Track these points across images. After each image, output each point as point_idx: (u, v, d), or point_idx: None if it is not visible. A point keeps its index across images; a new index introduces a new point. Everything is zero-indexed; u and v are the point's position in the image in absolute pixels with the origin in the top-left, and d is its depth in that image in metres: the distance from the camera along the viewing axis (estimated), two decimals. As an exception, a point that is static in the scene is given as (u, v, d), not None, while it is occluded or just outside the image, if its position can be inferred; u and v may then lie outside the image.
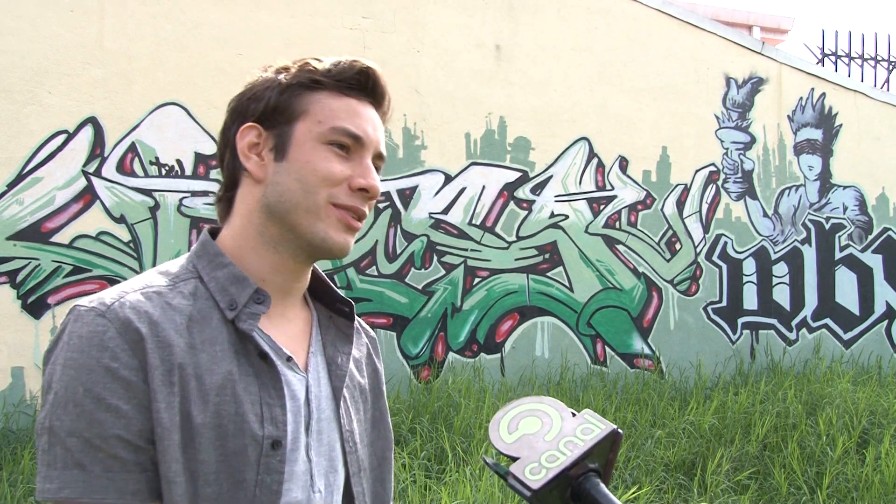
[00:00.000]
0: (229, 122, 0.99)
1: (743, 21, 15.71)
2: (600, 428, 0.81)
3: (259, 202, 0.96)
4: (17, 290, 4.70)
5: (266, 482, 0.89)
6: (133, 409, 0.83)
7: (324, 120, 0.95)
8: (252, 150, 0.96)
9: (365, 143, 0.97)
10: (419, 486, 3.66)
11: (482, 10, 6.08)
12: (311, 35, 5.50)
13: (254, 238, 0.97)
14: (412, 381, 5.58)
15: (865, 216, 7.46)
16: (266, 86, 0.97)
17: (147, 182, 5.05)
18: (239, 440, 0.88)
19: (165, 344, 0.86)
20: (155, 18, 5.08)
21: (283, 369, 0.95)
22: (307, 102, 0.95)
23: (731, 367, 6.70)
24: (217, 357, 0.89)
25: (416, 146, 5.81)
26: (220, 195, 1.02)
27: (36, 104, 4.77)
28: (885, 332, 7.48)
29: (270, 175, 0.95)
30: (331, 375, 1.01)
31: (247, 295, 0.93)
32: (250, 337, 0.92)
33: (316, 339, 1.03)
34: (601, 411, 5.09)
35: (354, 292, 5.58)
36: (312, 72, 0.96)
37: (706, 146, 6.84)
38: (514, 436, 0.82)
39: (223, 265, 0.95)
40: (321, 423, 0.98)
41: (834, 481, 4.28)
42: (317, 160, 0.94)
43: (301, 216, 0.94)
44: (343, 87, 0.97)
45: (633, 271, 6.49)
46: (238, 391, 0.89)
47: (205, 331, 0.90)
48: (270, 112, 0.95)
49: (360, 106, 0.98)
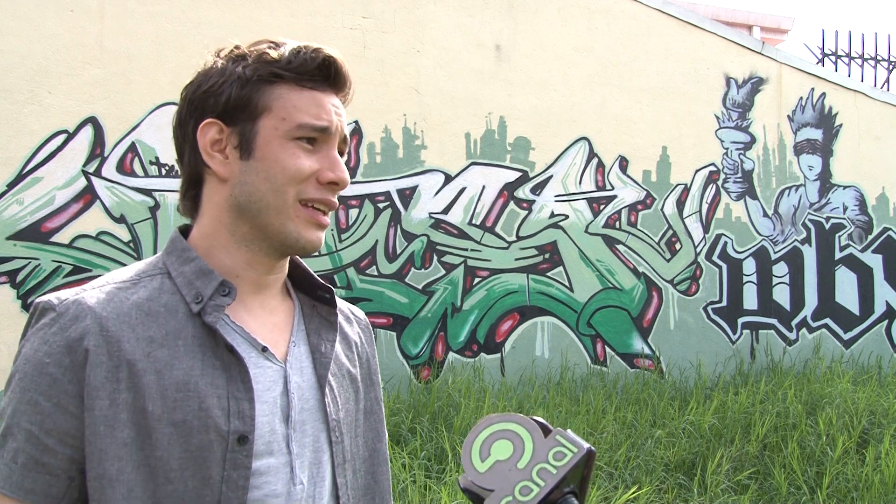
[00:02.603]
0: (186, 116, 0.96)
1: (743, 21, 15.71)
2: (573, 452, 0.79)
3: (227, 201, 0.95)
4: (17, 290, 4.70)
5: (233, 478, 0.87)
6: (51, 406, 0.84)
7: (288, 117, 0.93)
8: (215, 148, 0.94)
9: (332, 133, 0.95)
10: (419, 486, 3.66)
11: (482, 10, 6.08)
12: (311, 35, 5.49)
13: (225, 236, 0.96)
14: (412, 380, 5.58)
15: (865, 216, 7.46)
16: (224, 79, 0.93)
17: (147, 182, 5.05)
18: (204, 436, 0.86)
19: (114, 340, 0.86)
20: (155, 18, 5.08)
21: (256, 361, 0.93)
22: (269, 98, 0.93)
23: (731, 367, 6.70)
24: (179, 352, 0.88)
25: (416, 146, 5.81)
26: (183, 191, 1.00)
27: (36, 104, 4.77)
28: (885, 332, 7.48)
29: (237, 174, 0.94)
30: (315, 364, 1.00)
31: (212, 287, 0.92)
32: (216, 330, 0.90)
33: (298, 328, 1.02)
34: (601, 411, 5.10)
35: (354, 292, 5.57)
36: (272, 63, 0.93)
37: (706, 146, 6.84)
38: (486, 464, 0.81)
39: (190, 259, 0.95)
40: (304, 414, 0.96)
41: (834, 481, 4.28)
42: (284, 158, 0.93)
43: (272, 217, 0.93)
44: (304, 80, 0.94)
45: (633, 271, 6.49)
46: (202, 386, 0.88)
47: (167, 325, 0.89)
48: (231, 108, 0.93)
49: (323, 96, 0.95)
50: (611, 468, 4.17)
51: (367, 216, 5.67)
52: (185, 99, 0.97)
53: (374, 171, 5.69)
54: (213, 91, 0.93)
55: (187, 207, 1.00)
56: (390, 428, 4.41)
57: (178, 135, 0.98)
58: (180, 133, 0.98)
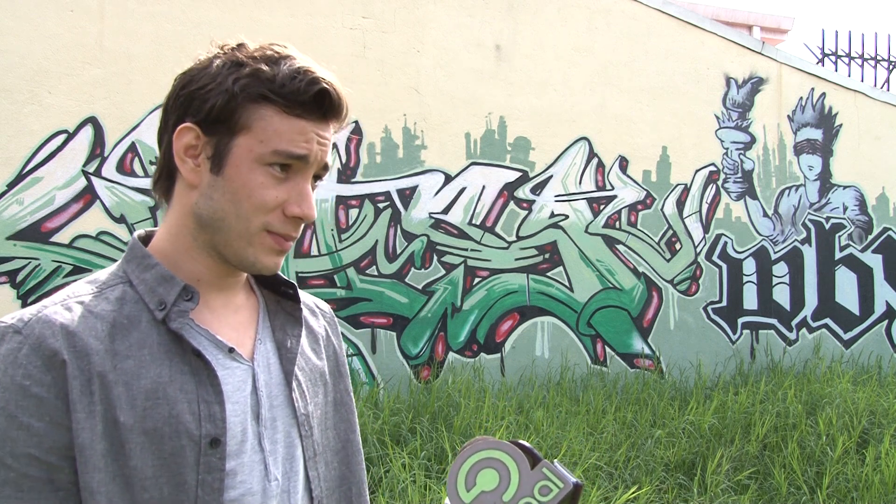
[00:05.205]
0: (171, 107, 0.95)
1: (743, 21, 15.71)
2: (559, 487, 0.79)
3: (192, 209, 0.94)
4: (17, 290, 4.70)
5: (207, 481, 0.88)
6: (46, 425, 0.82)
7: (266, 140, 0.90)
8: (188, 154, 0.93)
9: (308, 162, 0.92)
10: (419, 485, 3.66)
11: (482, 10, 6.08)
12: (311, 35, 5.50)
13: (188, 241, 0.96)
14: (412, 380, 5.58)
15: (865, 216, 7.46)
16: (214, 86, 0.90)
17: (147, 182, 5.05)
18: (175, 441, 0.87)
19: (83, 354, 0.85)
20: (155, 18, 5.08)
21: (223, 363, 0.94)
22: (252, 118, 0.90)
23: (731, 367, 6.70)
24: (145, 361, 0.88)
25: (416, 146, 5.81)
26: (156, 178, 0.99)
27: (36, 104, 4.77)
28: (885, 332, 7.48)
29: (205, 185, 0.93)
30: (281, 360, 1.00)
31: (175, 293, 0.92)
32: (182, 336, 0.90)
33: (263, 325, 1.02)
34: (601, 411, 5.10)
35: (354, 292, 5.58)
36: (264, 83, 0.90)
37: (706, 146, 6.84)
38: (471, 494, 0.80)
39: (150, 266, 0.94)
40: (274, 411, 0.97)
41: (834, 481, 4.28)
42: (252, 185, 0.90)
43: (232, 239, 0.93)
44: (293, 106, 0.91)
45: (633, 271, 6.49)
46: (170, 392, 0.88)
47: (131, 335, 0.89)
48: (213, 118, 0.91)
49: (308, 125, 0.92)
50: (611, 468, 4.17)
51: (367, 216, 5.67)
52: (174, 87, 0.95)
53: (374, 171, 5.69)
54: (199, 94, 0.91)
55: (160, 194, 1.00)
56: (390, 428, 4.41)
57: (161, 120, 0.97)
58: (163, 120, 0.96)
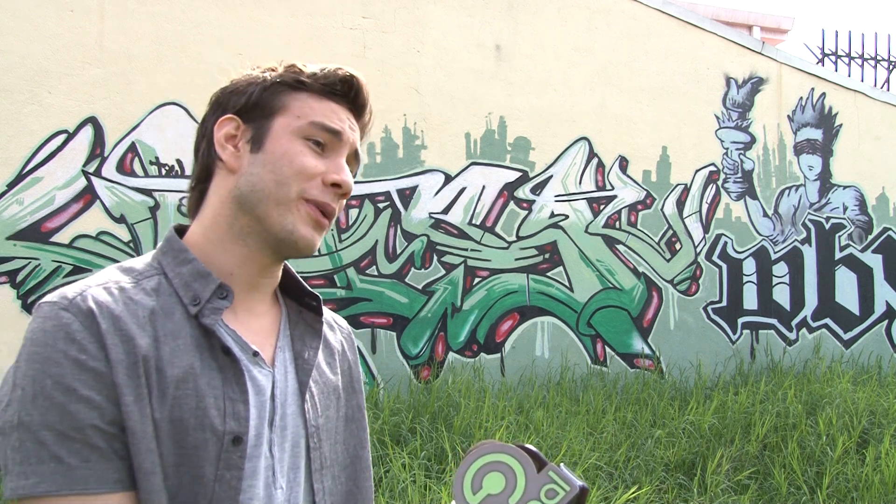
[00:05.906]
0: (209, 114, 1.00)
1: (743, 21, 15.71)
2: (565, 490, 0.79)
3: (231, 193, 0.96)
4: (17, 290, 4.70)
5: (225, 478, 0.88)
6: (104, 399, 0.82)
7: (302, 115, 0.96)
8: (229, 141, 0.97)
9: (343, 139, 0.99)
10: (419, 486, 3.66)
11: (482, 10, 6.08)
12: (311, 35, 5.50)
13: (223, 230, 0.97)
14: (412, 380, 5.58)
15: (865, 216, 7.46)
16: (250, 81, 0.98)
17: (147, 182, 5.05)
18: (199, 434, 0.87)
19: (128, 338, 0.85)
20: (155, 18, 5.08)
21: (248, 365, 0.94)
22: (289, 100, 0.97)
23: (731, 367, 6.70)
24: (179, 350, 0.89)
25: (416, 146, 5.81)
26: (192, 185, 1.02)
27: (36, 104, 4.77)
28: (885, 332, 7.48)
29: (245, 166, 0.96)
30: (297, 370, 1.01)
31: (210, 290, 0.92)
32: (213, 332, 0.91)
33: (284, 333, 1.03)
34: (601, 411, 5.10)
35: (354, 292, 5.58)
36: (298, 73, 0.98)
37: (706, 146, 6.84)
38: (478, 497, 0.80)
39: (187, 261, 0.95)
40: (286, 419, 0.97)
41: (834, 481, 4.28)
42: (293, 153, 0.95)
43: (271, 207, 0.94)
44: (326, 91, 0.99)
45: (633, 271, 6.49)
46: (200, 385, 0.88)
47: (167, 325, 0.90)
48: (251, 106, 0.97)
49: (341, 109, 1.00)
50: (611, 468, 4.17)
51: (367, 216, 5.67)
52: (211, 100, 1.01)
53: (374, 171, 5.69)
54: (237, 91, 0.98)
55: (193, 201, 1.01)
56: (390, 428, 4.41)
57: (198, 131, 1.02)
58: (201, 129, 1.01)
